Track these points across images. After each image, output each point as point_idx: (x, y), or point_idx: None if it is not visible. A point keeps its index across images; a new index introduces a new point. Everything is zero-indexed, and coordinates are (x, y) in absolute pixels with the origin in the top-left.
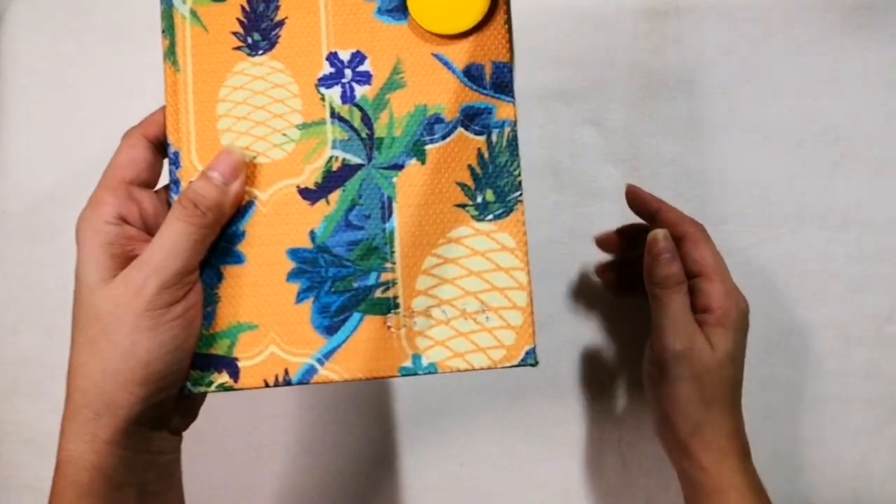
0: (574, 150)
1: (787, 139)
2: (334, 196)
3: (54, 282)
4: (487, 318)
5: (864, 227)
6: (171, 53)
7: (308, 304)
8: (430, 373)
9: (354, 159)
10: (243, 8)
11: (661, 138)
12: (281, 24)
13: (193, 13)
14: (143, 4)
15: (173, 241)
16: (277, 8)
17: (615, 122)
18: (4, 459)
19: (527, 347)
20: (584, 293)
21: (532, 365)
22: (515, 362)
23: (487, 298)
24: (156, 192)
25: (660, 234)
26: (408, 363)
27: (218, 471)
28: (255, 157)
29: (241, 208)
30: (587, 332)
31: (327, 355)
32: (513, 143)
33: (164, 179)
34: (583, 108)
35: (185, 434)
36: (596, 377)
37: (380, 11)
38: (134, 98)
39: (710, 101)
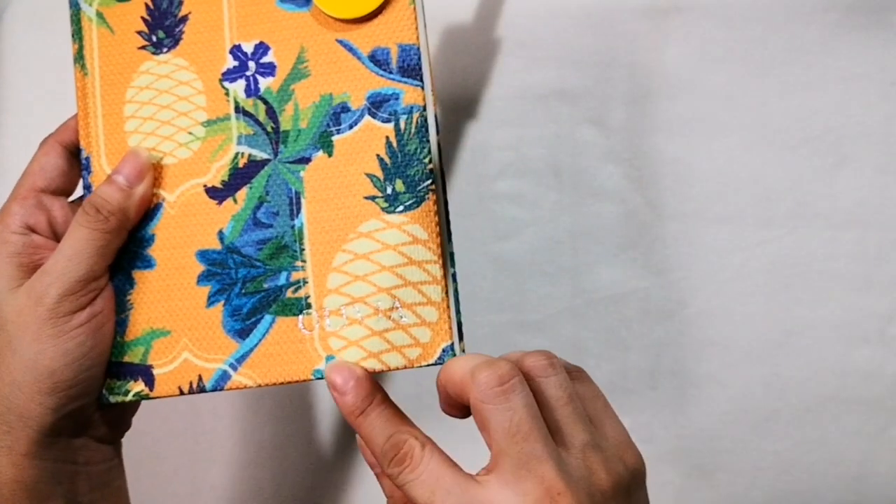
0: (574, 150)
1: (787, 139)
2: (241, 194)
3: None
4: (402, 315)
5: (866, 226)
6: (79, 57)
7: (219, 308)
8: None
9: (260, 154)
10: (147, 6)
11: (661, 138)
12: (184, 19)
13: (99, 14)
14: None
15: (75, 248)
16: (181, 4)
17: (615, 122)
18: None
19: (443, 344)
20: (585, 293)
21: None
22: (432, 361)
23: (401, 294)
24: (74, 201)
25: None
26: (321, 365)
27: (218, 471)
28: (161, 158)
29: (150, 211)
30: (587, 332)
31: (240, 360)
32: (422, 129)
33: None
34: (583, 108)
35: (185, 435)
36: (595, 378)
37: (282, 0)
38: None
39: (710, 101)
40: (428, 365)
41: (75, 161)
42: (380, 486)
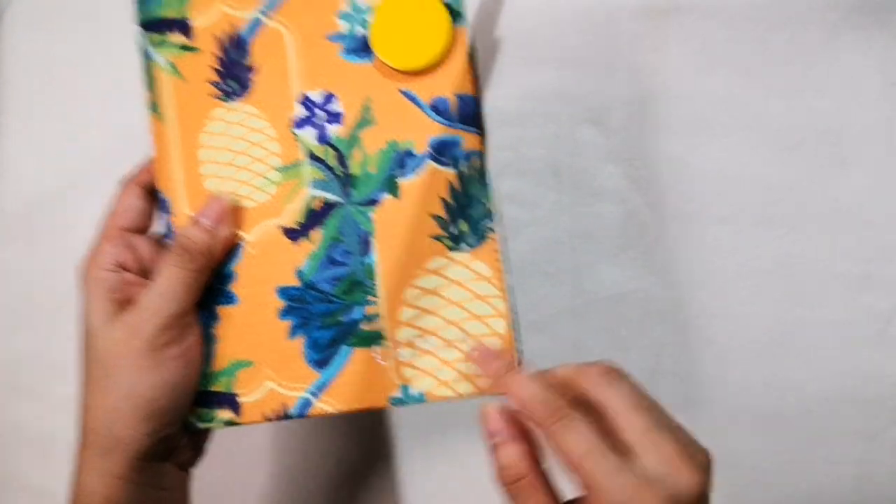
0: (574, 150)
1: (787, 139)
2: (316, 234)
3: (54, 282)
4: (469, 346)
5: (865, 227)
6: (153, 104)
7: (300, 340)
8: (418, 402)
9: (332, 197)
10: (217, 56)
11: (661, 138)
12: (253, 69)
13: (171, 64)
14: None
15: (168, 286)
16: (249, 54)
17: (615, 122)
18: (4, 459)
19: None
20: (585, 293)
21: None
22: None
23: (468, 327)
24: (151, 237)
25: (488, 407)
26: (397, 393)
27: (218, 472)
28: (240, 201)
29: (231, 250)
30: (588, 332)
31: (321, 388)
32: (482, 173)
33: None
34: (583, 108)
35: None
36: None
37: (346, 51)
38: (133, 98)
39: (710, 102)
40: (498, 394)
41: (153, 200)
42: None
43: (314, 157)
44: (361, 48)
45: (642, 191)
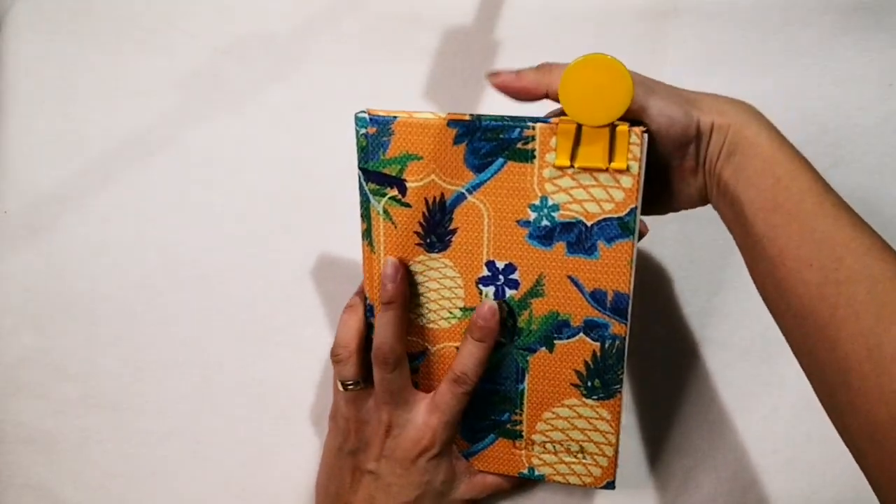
0: None
1: None
2: None
3: (54, 282)
4: (584, 457)
5: None
6: (367, 235)
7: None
8: (539, 480)
9: (500, 339)
10: (424, 214)
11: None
12: (454, 231)
13: (386, 211)
14: (143, 6)
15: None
16: (451, 220)
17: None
18: (4, 459)
19: (607, 479)
20: None
21: (611, 489)
22: (599, 486)
23: (585, 446)
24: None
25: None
26: (525, 471)
27: (219, 471)
28: (428, 323)
29: (416, 353)
30: None
31: (470, 454)
32: (620, 352)
33: None
34: None
35: (185, 435)
36: None
37: (530, 236)
38: (134, 98)
39: None
40: (595, 487)
41: None
42: None
43: None
44: (544, 236)
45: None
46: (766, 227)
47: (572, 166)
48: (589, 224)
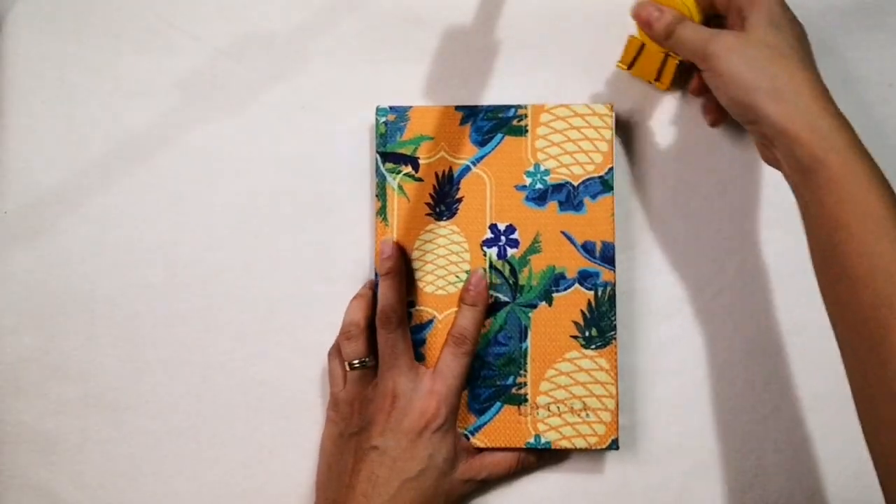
0: None
1: None
2: (488, 322)
3: (54, 282)
4: (587, 415)
5: None
6: (382, 212)
7: (466, 393)
8: (545, 448)
9: (503, 298)
10: (434, 186)
11: (661, 138)
12: (460, 200)
13: (400, 187)
14: (144, 6)
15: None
16: (458, 189)
17: (615, 122)
18: (4, 459)
19: (612, 437)
20: None
21: (615, 449)
22: (604, 446)
23: (588, 401)
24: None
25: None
26: (531, 440)
27: (219, 471)
28: (437, 290)
29: (424, 323)
30: None
31: (476, 429)
32: (612, 298)
33: None
34: None
35: (185, 435)
36: None
37: (527, 198)
38: (134, 98)
39: None
40: (601, 449)
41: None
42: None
43: (494, 268)
44: (539, 197)
45: (642, 191)
46: (828, 245)
47: (629, 69)
48: (576, 184)
